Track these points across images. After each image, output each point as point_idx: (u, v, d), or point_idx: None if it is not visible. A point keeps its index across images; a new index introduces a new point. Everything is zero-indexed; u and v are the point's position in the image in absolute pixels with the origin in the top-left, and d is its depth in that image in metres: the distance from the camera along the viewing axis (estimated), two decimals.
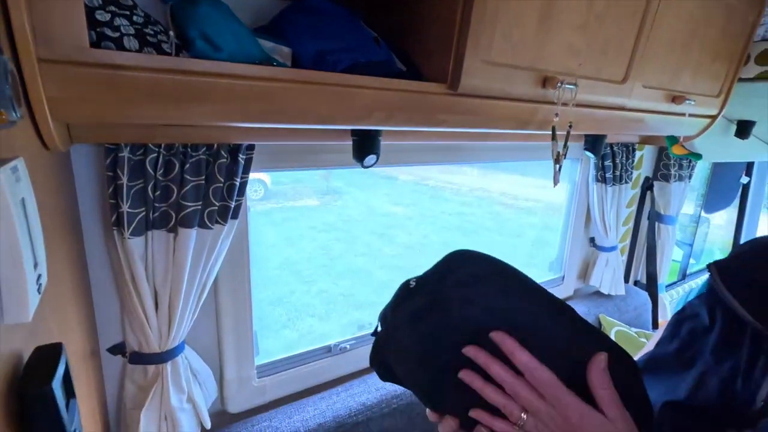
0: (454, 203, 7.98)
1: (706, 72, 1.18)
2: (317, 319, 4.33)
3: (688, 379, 0.44)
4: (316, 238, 6.12)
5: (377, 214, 7.21)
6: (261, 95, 0.57)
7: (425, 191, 8.18)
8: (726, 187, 2.46)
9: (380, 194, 7.83)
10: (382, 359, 0.49)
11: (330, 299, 4.76)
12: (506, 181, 8.23)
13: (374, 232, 6.58)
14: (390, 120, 0.71)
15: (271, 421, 0.94)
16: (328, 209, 6.84)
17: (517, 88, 0.81)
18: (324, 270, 5.36)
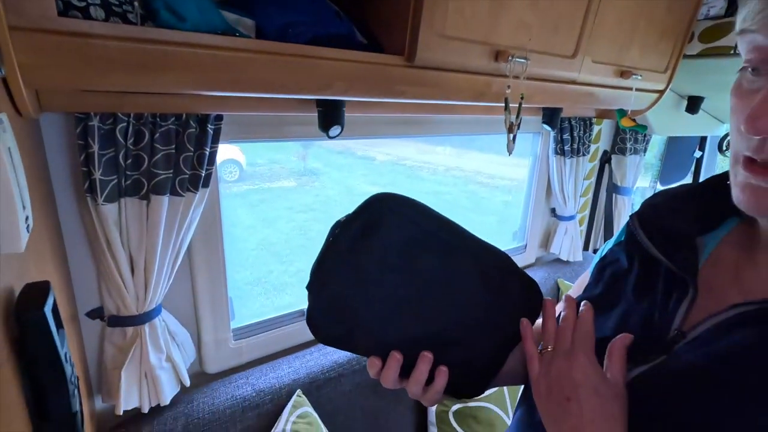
0: (430, 182, 8.07)
1: (653, 48, 1.26)
2: (295, 298, 4.39)
3: (614, 317, 0.48)
4: (293, 218, 6.11)
5: (355, 194, 7.24)
6: (224, 65, 0.61)
7: (402, 171, 8.23)
8: (680, 161, 2.61)
9: (357, 175, 7.83)
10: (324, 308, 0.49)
11: (305, 279, 4.82)
12: (481, 160, 8.35)
13: None
14: (350, 90, 0.76)
15: (248, 379, 1.00)
16: (306, 190, 6.81)
17: (471, 61, 0.87)
18: (302, 250, 5.39)
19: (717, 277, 0.41)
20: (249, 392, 0.97)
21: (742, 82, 0.37)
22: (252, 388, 0.98)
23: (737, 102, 0.36)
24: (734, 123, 0.37)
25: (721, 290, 0.39)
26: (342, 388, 1.09)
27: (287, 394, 1.00)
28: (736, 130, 0.37)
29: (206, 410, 0.92)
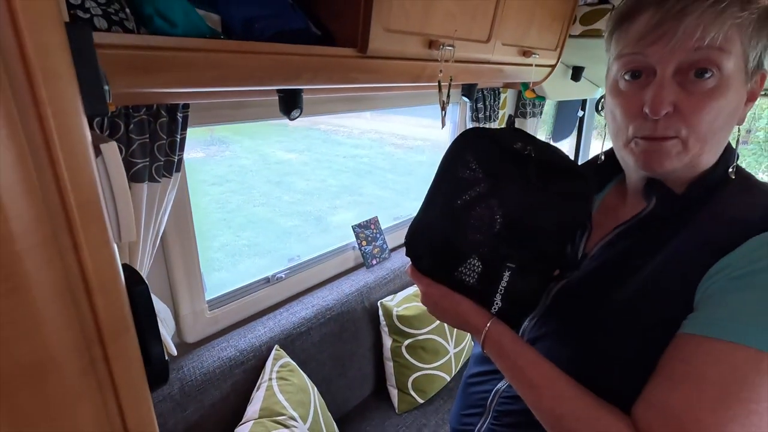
0: (347, 146, 8.12)
1: (546, 30, 1.51)
2: (225, 272, 4.32)
3: None
4: (207, 191, 5.82)
5: (271, 162, 7.04)
6: (214, 64, 0.68)
7: (318, 136, 8.13)
8: (567, 120, 3.06)
9: (272, 142, 7.58)
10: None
11: (234, 251, 4.74)
12: (396, 122, 8.58)
13: (270, 181, 6.48)
14: (314, 80, 0.87)
15: (229, 342, 1.11)
16: (217, 161, 6.47)
17: (410, 49, 1.02)
18: (223, 224, 5.21)
19: (604, 216, 0.63)
20: (233, 352, 1.09)
21: (620, 86, 0.53)
22: (235, 349, 1.09)
23: (622, 101, 0.52)
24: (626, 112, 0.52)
25: (606, 224, 0.61)
26: (311, 339, 1.25)
27: (267, 349, 1.13)
28: (623, 121, 0.52)
29: (197, 373, 1.02)
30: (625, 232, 0.57)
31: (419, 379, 1.42)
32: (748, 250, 0.44)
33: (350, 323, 1.36)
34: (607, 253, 0.57)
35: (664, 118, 0.49)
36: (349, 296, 1.38)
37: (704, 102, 0.48)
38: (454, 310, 0.58)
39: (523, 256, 0.55)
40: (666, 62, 0.48)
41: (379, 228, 1.62)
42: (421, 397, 1.44)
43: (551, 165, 0.56)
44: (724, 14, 0.45)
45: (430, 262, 0.59)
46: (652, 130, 0.50)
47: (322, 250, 1.52)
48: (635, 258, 0.53)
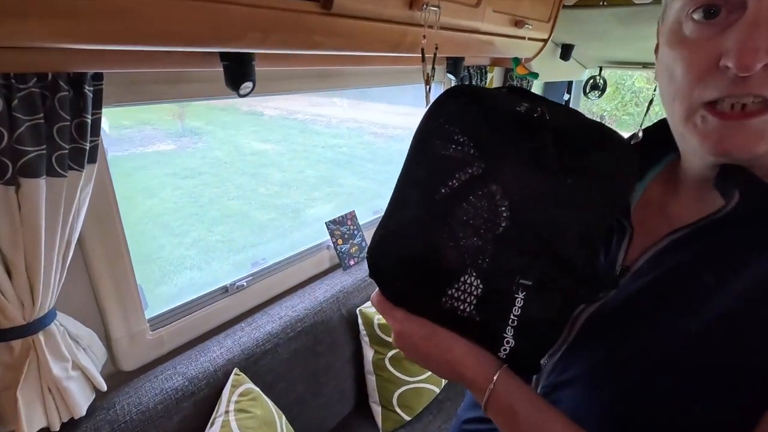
0: (325, 135, 7.87)
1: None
2: (197, 270, 4.08)
3: None
4: (179, 185, 5.55)
5: (246, 153, 6.75)
6: (113, 11, 0.49)
7: (294, 125, 7.89)
8: None
9: (246, 132, 7.29)
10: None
11: (207, 248, 4.50)
12: (375, 110, 8.38)
13: (245, 173, 6.22)
14: (266, 42, 0.68)
15: (176, 368, 0.92)
16: (188, 153, 6.16)
17: (387, 8, 0.83)
18: (195, 218, 4.96)
19: (647, 215, 0.46)
20: (180, 382, 0.90)
21: (682, 32, 0.37)
22: (182, 377, 0.91)
23: (687, 51, 0.36)
24: (683, 71, 0.37)
25: (652, 225, 0.44)
26: (279, 356, 1.07)
27: (223, 375, 0.95)
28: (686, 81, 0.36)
29: (133, 411, 0.83)
30: (686, 239, 0.40)
31: (405, 394, 1.26)
32: None
33: (325, 335, 1.18)
34: (658, 267, 0.41)
35: (759, 74, 0.32)
36: (323, 303, 1.20)
37: None
38: (444, 358, 0.40)
39: (542, 268, 0.37)
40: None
41: (356, 224, 1.44)
42: (407, 414, 1.28)
43: (574, 133, 0.38)
44: None
45: (404, 285, 0.41)
46: (740, 89, 0.33)
47: (296, 248, 1.34)
48: (705, 275, 0.37)
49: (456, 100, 0.40)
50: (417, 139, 0.41)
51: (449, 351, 0.40)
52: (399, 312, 0.42)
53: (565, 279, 0.37)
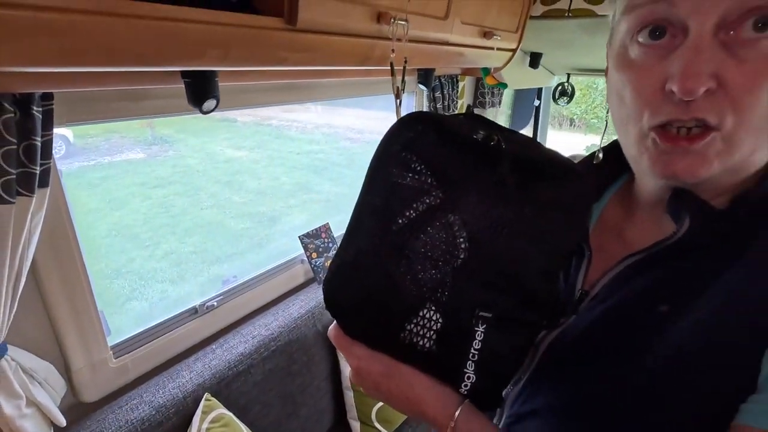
0: (300, 142, 7.81)
1: (507, 9, 1.36)
2: (169, 284, 3.96)
3: None
4: (149, 195, 5.40)
5: (219, 161, 6.63)
6: (57, 30, 0.45)
7: (269, 132, 7.79)
8: (524, 109, 2.99)
9: (219, 139, 7.16)
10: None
11: (180, 260, 4.37)
12: (350, 115, 8.36)
13: (219, 181, 6.10)
14: (227, 59, 0.65)
15: (143, 396, 0.88)
16: (159, 161, 6.00)
17: (354, 23, 0.82)
18: (167, 229, 4.82)
19: (605, 237, 0.46)
20: (146, 411, 0.85)
21: (629, 55, 0.37)
22: (149, 406, 0.86)
23: (635, 75, 0.37)
24: (631, 95, 0.37)
25: (609, 248, 0.44)
26: (253, 378, 1.04)
27: (193, 401, 0.91)
28: (635, 105, 0.37)
29: None
30: (641, 265, 0.40)
31: (384, 408, 1.24)
32: None
33: (301, 353, 1.16)
34: (616, 293, 0.41)
35: (702, 99, 0.32)
36: (298, 320, 1.17)
37: (759, 73, 0.32)
38: (404, 396, 0.39)
39: (502, 301, 0.36)
40: (705, 12, 0.32)
41: (331, 236, 1.42)
42: (386, 429, 1.26)
43: (531, 162, 0.37)
44: None
45: (361, 319, 0.39)
46: (683, 113, 0.34)
47: (274, 258, 1.31)
48: (661, 303, 0.37)
49: (413, 126, 0.39)
50: (373, 166, 0.40)
51: (410, 388, 0.38)
52: (357, 348, 0.40)
53: (526, 311, 0.37)
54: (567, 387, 0.40)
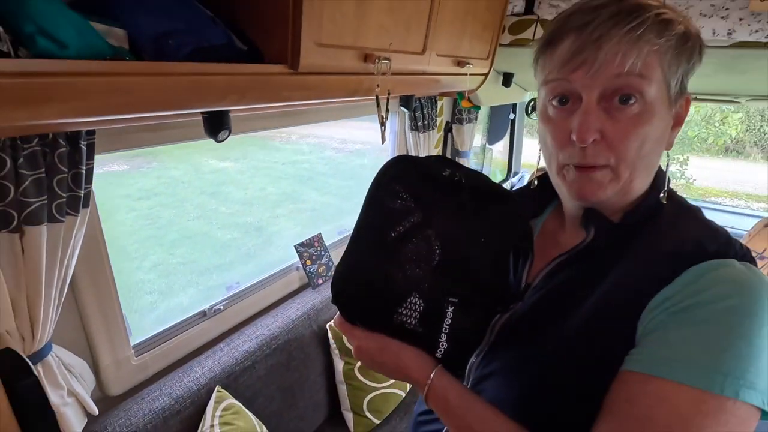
0: (286, 152, 7.88)
1: (479, 39, 1.53)
2: (158, 295, 3.99)
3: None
4: (134, 207, 5.39)
5: (204, 172, 6.65)
6: (119, 90, 0.59)
7: (253, 142, 7.84)
8: (500, 123, 3.18)
9: (204, 150, 7.17)
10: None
11: (168, 271, 4.40)
12: (335, 126, 8.48)
13: (205, 192, 6.13)
14: (242, 101, 0.79)
15: (162, 389, 1.00)
16: (143, 173, 5.99)
17: (345, 63, 0.97)
18: (154, 241, 4.83)
19: (545, 242, 0.62)
20: (166, 402, 0.97)
21: (548, 113, 0.52)
22: (168, 397, 0.98)
23: (552, 127, 0.51)
24: (550, 142, 0.51)
25: (547, 250, 0.60)
26: (257, 373, 1.16)
27: (206, 392, 1.03)
28: (553, 148, 0.51)
29: (125, 431, 0.90)
30: (566, 262, 0.55)
31: (374, 399, 1.38)
32: (685, 282, 0.44)
33: (298, 350, 1.28)
34: (549, 284, 0.55)
35: (591, 146, 0.48)
36: (295, 321, 1.30)
37: (630, 128, 0.48)
38: (394, 364, 0.52)
39: (464, 289, 0.52)
40: (590, 88, 0.48)
41: (323, 245, 1.56)
42: (377, 418, 1.39)
43: (482, 190, 0.54)
44: (640, 41, 0.45)
45: (363, 307, 0.53)
46: (581, 158, 0.50)
47: (266, 270, 1.43)
48: (578, 289, 0.52)
49: (399, 166, 0.54)
50: (371, 194, 0.55)
51: (398, 358, 0.52)
52: (357, 330, 0.54)
53: (482, 296, 0.52)
54: (513, 352, 0.55)
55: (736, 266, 0.44)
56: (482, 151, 3.21)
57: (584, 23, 0.47)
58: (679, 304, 0.43)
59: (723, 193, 7.50)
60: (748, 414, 0.40)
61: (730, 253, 0.46)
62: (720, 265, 0.44)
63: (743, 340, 0.40)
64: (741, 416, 0.39)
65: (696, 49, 0.49)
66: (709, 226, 0.50)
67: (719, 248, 0.46)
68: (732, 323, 0.41)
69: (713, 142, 7.84)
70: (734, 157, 9.19)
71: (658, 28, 0.46)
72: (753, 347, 0.40)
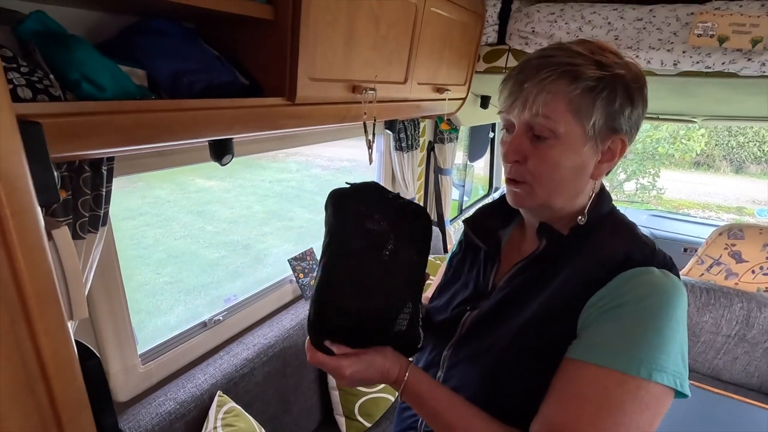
0: (272, 170, 7.96)
1: (455, 67, 1.68)
2: (145, 314, 3.98)
3: (458, 285, 0.75)
4: (119, 227, 5.31)
5: (190, 191, 6.67)
6: (147, 124, 0.69)
7: (239, 161, 7.81)
8: (480, 142, 3.35)
9: (188, 170, 7.18)
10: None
11: (154, 291, 4.39)
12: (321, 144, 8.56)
13: (191, 211, 6.14)
14: (245, 130, 0.90)
15: (167, 395, 1.07)
16: (127, 192, 5.99)
17: (335, 94, 1.09)
18: (139, 261, 4.82)
19: (509, 250, 0.71)
20: (172, 406, 1.04)
21: (502, 136, 0.64)
22: (174, 402, 1.05)
23: (502, 148, 0.63)
24: (501, 159, 0.64)
25: (512, 256, 0.69)
26: (255, 379, 1.24)
27: (209, 397, 1.10)
28: (504, 164, 0.64)
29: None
30: (524, 267, 0.65)
31: (365, 403, 1.46)
32: (614, 286, 0.54)
33: (293, 358, 1.36)
34: (510, 285, 0.65)
35: (515, 165, 0.61)
36: (290, 330, 1.39)
37: (542, 157, 0.58)
38: (378, 373, 0.59)
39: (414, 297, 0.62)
40: (518, 121, 0.59)
41: (315, 259, 1.65)
42: (368, 421, 1.47)
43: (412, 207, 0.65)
44: (545, 89, 0.56)
45: (364, 325, 0.58)
46: (508, 173, 0.63)
47: (261, 285, 1.52)
48: (531, 289, 0.62)
49: (366, 191, 0.64)
50: (343, 221, 0.62)
51: (372, 364, 0.59)
52: (343, 360, 0.58)
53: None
54: (476, 343, 0.65)
55: (654, 273, 0.54)
56: (464, 168, 3.36)
57: (519, 71, 0.59)
58: (609, 304, 0.53)
59: (694, 205, 7.86)
60: (661, 392, 0.50)
61: (653, 263, 0.55)
62: (642, 273, 0.54)
63: (656, 332, 0.50)
64: (655, 394, 0.49)
65: (618, 94, 0.56)
66: (639, 239, 0.60)
67: (644, 258, 0.56)
68: (646, 319, 0.51)
69: (681, 158, 8.23)
70: (705, 170, 9.64)
71: (570, 77, 0.55)
72: (664, 338, 0.50)
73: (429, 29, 1.37)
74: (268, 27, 0.90)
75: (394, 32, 1.21)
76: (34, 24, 0.63)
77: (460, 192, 3.29)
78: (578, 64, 0.56)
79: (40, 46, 0.62)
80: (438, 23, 1.41)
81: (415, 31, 1.31)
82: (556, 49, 0.59)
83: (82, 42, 0.66)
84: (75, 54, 0.62)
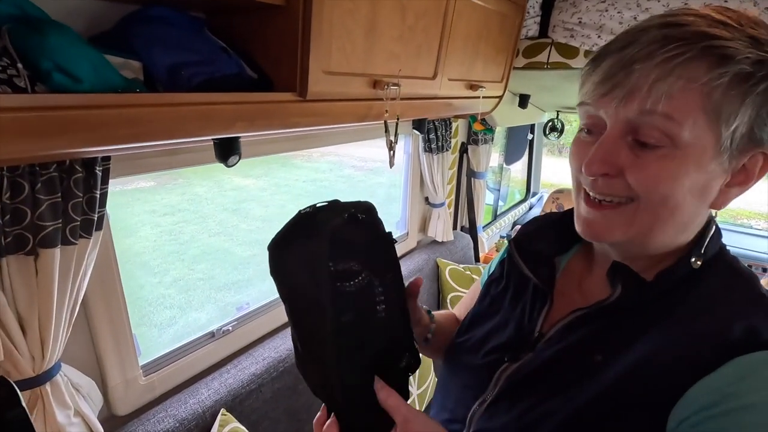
0: (306, 170, 8.02)
1: (492, 63, 1.54)
2: (177, 310, 4.06)
3: (494, 322, 0.59)
4: (158, 223, 5.55)
5: (227, 188, 6.82)
6: (129, 121, 0.61)
7: (275, 160, 8.00)
8: (518, 143, 3.16)
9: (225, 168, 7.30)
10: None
11: (187, 286, 4.48)
12: (355, 145, 8.55)
13: (227, 209, 6.27)
14: (251, 128, 0.81)
15: (167, 411, 1.00)
16: (168, 189, 6.18)
17: (354, 90, 0.98)
18: (175, 256, 4.94)
19: (567, 286, 0.55)
20: (171, 424, 0.97)
21: (579, 137, 0.48)
22: (173, 419, 0.98)
23: (576, 150, 0.47)
24: (575, 165, 0.47)
25: (569, 295, 0.53)
26: (263, 396, 1.15)
27: (211, 415, 1.03)
28: (576, 170, 0.47)
29: None
30: (587, 317, 0.49)
31: None
32: (730, 376, 0.37)
33: None
34: (565, 339, 0.49)
35: (604, 180, 0.44)
36: None
37: (649, 171, 0.41)
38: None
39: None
40: (614, 118, 0.42)
41: None
42: None
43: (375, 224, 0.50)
44: (673, 74, 0.38)
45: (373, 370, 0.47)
46: (591, 188, 0.46)
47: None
48: (597, 352, 0.46)
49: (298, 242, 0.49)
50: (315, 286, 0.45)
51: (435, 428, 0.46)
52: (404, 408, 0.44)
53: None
54: (522, 409, 0.49)
55: None
56: (500, 170, 3.19)
57: (624, 45, 0.41)
58: (722, 406, 0.36)
59: (755, 215, 7.18)
60: None
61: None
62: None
63: None
64: None
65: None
66: (765, 301, 0.42)
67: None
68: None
69: None
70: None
71: (710, 61, 0.37)
72: None
73: (463, 20, 1.24)
74: (279, 14, 0.81)
75: (422, 23, 1.10)
76: (8, 7, 0.56)
77: (495, 196, 3.12)
78: (725, 39, 0.37)
79: (13, 31, 0.55)
80: (473, 14, 1.28)
81: (446, 22, 1.18)
82: (686, 13, 0.40)
83: (63, 28, 0.59)
84: (48, 40, 0.55)
